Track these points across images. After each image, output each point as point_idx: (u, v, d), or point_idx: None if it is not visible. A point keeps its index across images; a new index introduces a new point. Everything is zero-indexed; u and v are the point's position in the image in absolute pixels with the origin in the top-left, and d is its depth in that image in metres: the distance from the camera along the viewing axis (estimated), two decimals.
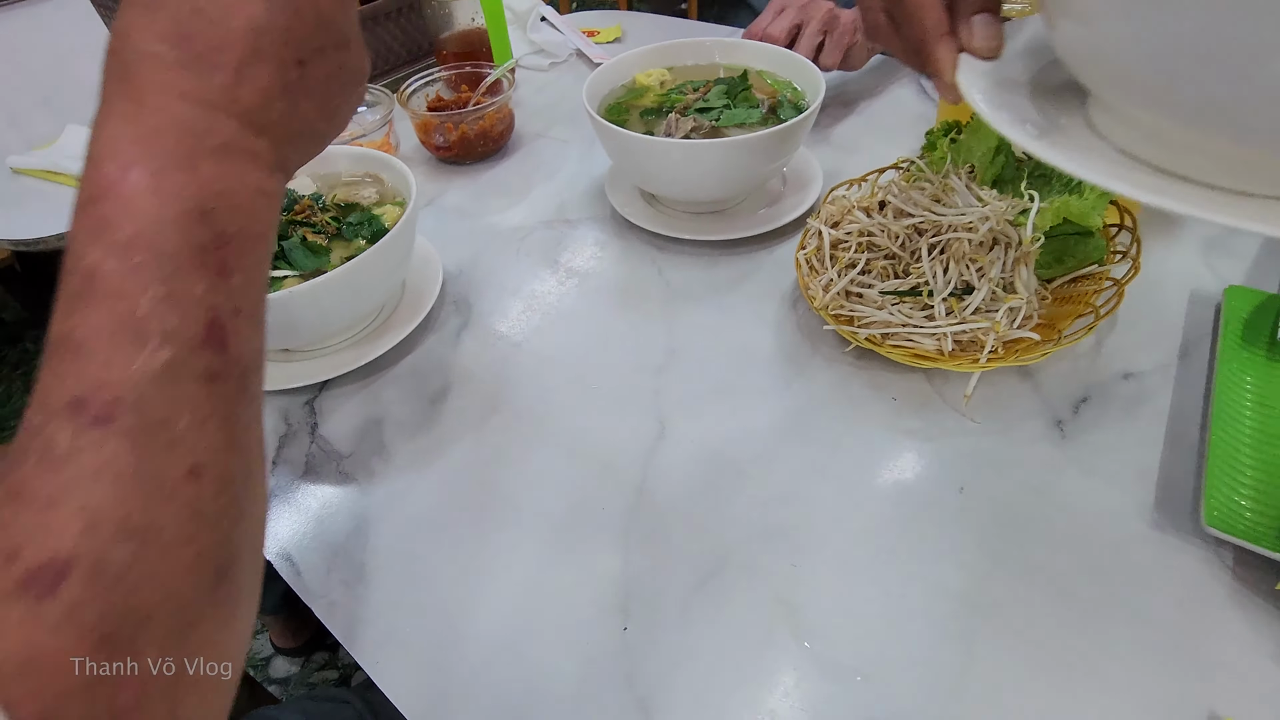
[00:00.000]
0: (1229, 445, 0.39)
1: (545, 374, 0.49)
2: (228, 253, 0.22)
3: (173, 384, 0.20)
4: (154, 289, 0.20)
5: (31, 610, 0.17)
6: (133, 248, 0.21)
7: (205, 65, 0.23)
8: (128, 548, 0.18)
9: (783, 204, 0.61)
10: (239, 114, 0.24)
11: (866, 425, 0.44)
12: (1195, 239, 0.54)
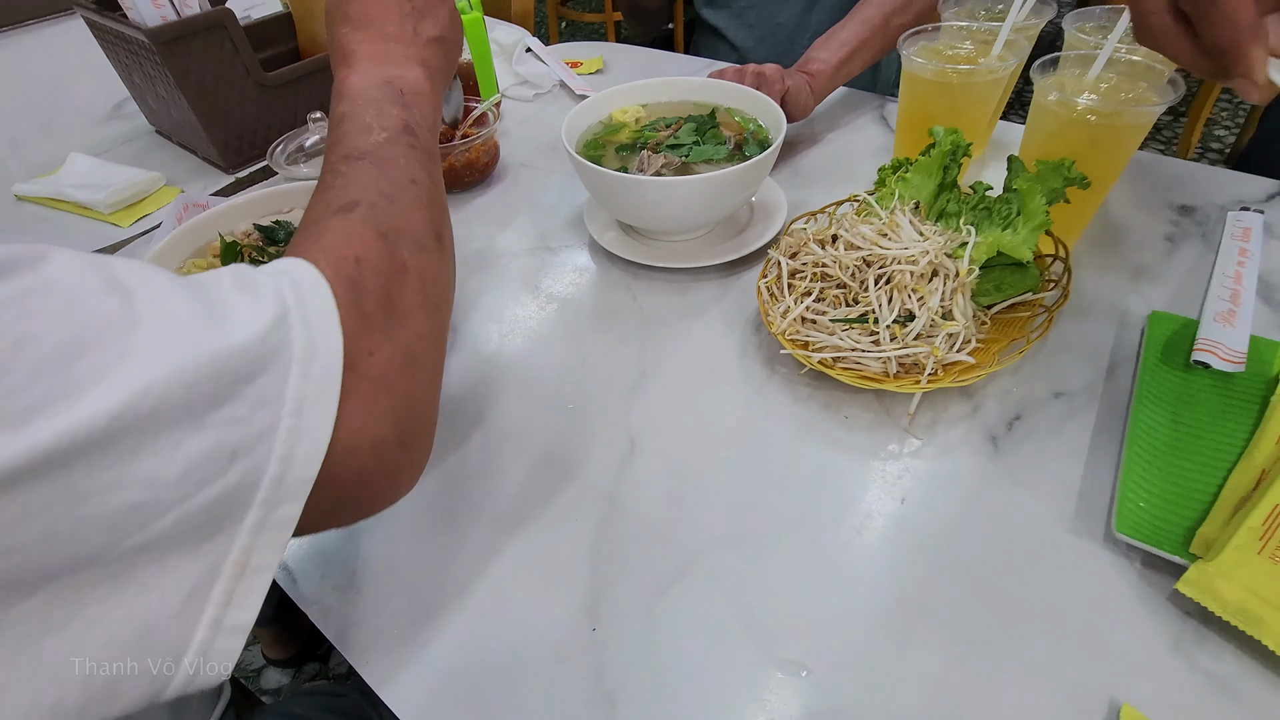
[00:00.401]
0: (1141, 458, 0.43)
1: (525, 394, 0.53)
2: (408, 98, 0.40)
3: (391, 146, 0.37)
4: (372, 112, 0.38)
5: (342, 217, 0.33)
6: (358, 99, 0.39)
7: (364, 20, 0.43)
8: (385, 202, 0.34)
9: (749, 233, 0.65)
10: (394, 40, 0.43)
11: (819, 441, 0.47)
12: (1127, 267, 0.59)
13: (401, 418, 0.30)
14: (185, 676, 0.24)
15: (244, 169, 0.84)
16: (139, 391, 0.21)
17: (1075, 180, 0.49)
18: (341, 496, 0.28)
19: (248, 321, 0.25)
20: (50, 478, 0.19)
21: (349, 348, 0.28)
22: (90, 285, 0.22)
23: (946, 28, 0.65)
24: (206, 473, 0.23)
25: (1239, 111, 2.35)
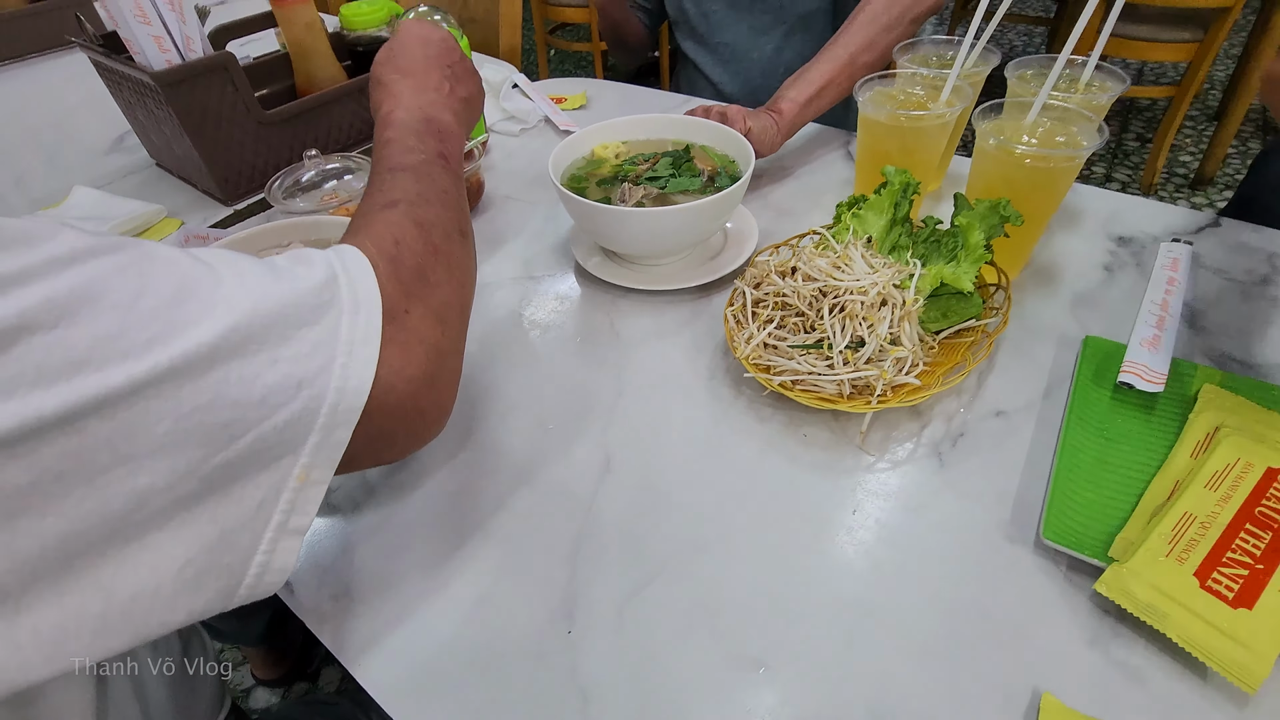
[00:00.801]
0: (1069, 471, 0.47)
1: (510, 416, 0.57)
2: (442, 134, 0.49)
3: (428, 164, 0.45)
4: (413, 139, 0.47)
5: (386, 211, 0.41)
6: (401, 128, 0.47)
7: (409, 75, 0.53)
8: (422, 202, 0.42)
9: (722, 257, 0.70)
10: (424, 89, 0.52)
11: (780, 458, 0.51)
12: (1068, 294, 0.64)
13: (431, 363, 0.37)
14: (255, 575, 0.30)
15: (242, 201, 0.87)
16: (229, 328, 0.28)
17: (1010, 217, 0.54)
18: (382, 427, 0.34)
19: (305, 278, 0.32)
20: (163, 394, 0.25)
21: (389, 306, 0.35)
22: (182, 257, 0.29)
23: (901, 74, 0.70)
24: (280, 398, 0.29)
25: (1202, 139, 2.45)
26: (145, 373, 0.25)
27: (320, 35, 0.93)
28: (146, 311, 0.26)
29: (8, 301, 0.23)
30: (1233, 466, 0.45)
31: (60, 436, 0.23)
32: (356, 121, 0.95)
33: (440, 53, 0.56)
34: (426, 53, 0.55)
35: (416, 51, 0.55)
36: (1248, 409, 0.50)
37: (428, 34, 0.57)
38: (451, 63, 0.56)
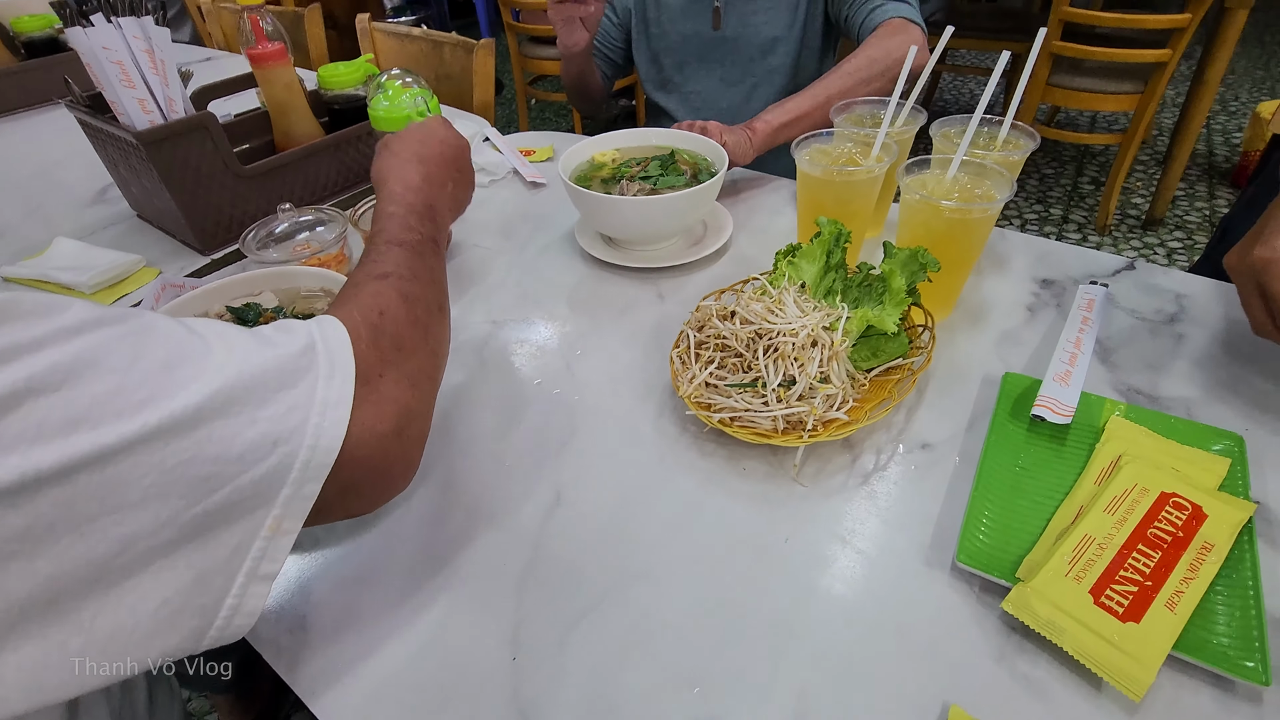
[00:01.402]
0: (983, 498, 0.51)
1: (467, 454, 0.59)
2: (437, 222, 0.56)
3: (421, 244, 0.52)
4: (414, 219, 0.53)
5: (378, 281, 0.46)
6: (405, 206, 0.54)
7: (425, 164, 0.61)
8: (410, 275, 0.47)
9: (703, 243, 0.84)
10: (430, 189, 0.59)
11: (720, 491, 0.55)
12: (993, 333, 0.68)
13: (401, 421, 0.40)
14: (225, 616, 0.33)
15: (219, 251, 0.91)
16: (214, 391, 0.31)
17: (928, 264, 0.59)
18: (351, 480, 0.37)
19: (286, 345, 0.36)
20: (151, 450, 0.28)
21: (364, 370, 0.39)
22: (176, 327, 0.33)
23: (838, 132, 0.76)
24: (257, 455, 0.32)
25: (1151, 182, 2.57)
26: (136, 431, 0.28)
27: (298, 94, 0.99)
28: (141, 375, 0.29)
29: (18, 366, 0.26)
30: (1130, 491, 0.49)
31: (55, 488, 0.26)
32: (331, 174, 1.00)
33: (456, 155, 0.65)
34: (444, 152, 0.63)
35: (437, 148, 0.63)
36: (1148, 438, 0.54)
37: (452, 137, 0.66)
38: (461, 166, 0.66)
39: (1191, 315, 0.68)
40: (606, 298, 0.78)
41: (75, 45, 0.77)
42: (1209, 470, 0.51)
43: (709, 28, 1.13)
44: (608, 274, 0.82)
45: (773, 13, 1.10)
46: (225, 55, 1.84)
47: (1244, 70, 3.49)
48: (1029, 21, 2.69)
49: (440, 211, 0.58)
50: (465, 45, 1.39)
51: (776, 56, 1.14)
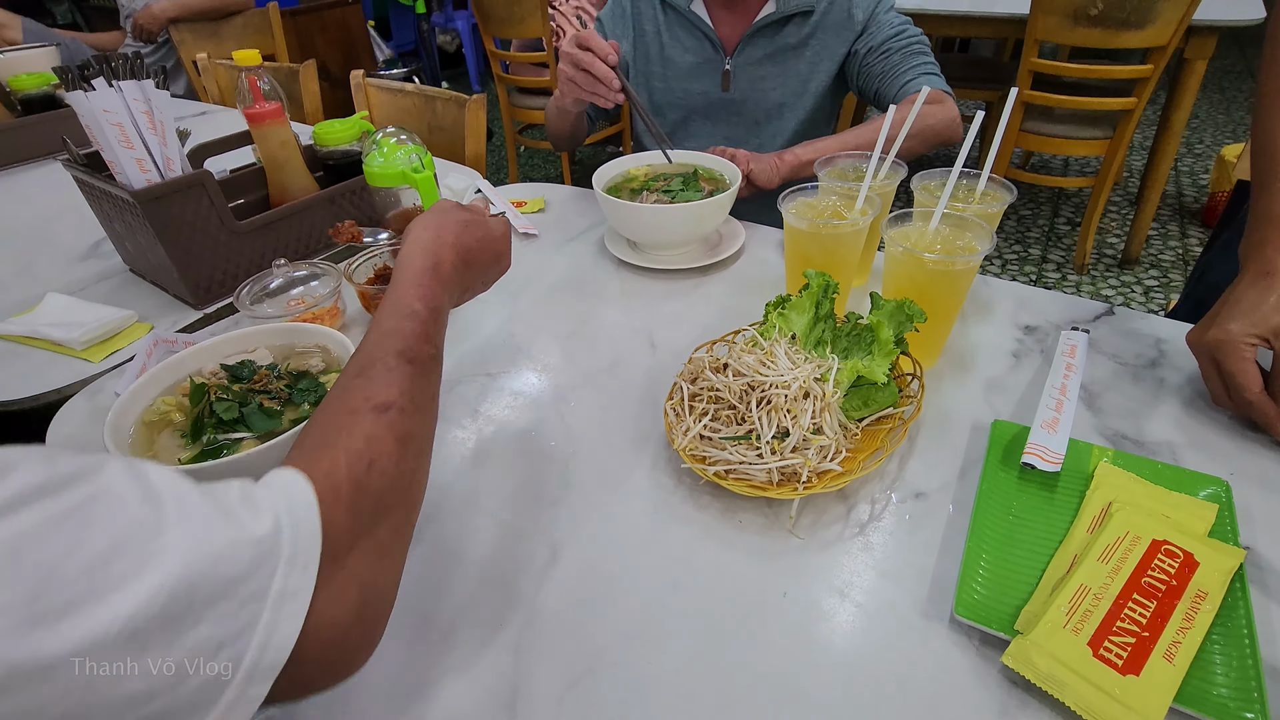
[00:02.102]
0: (979, 549, 0.51)
1: (463, 511, 0.59)
2: (438, 327, 0.50)
3: (434, 362, 0.48)
4: (435, 326, 0.49)
5: (376, 416, 0.41)
6: (431, 307, 0.49)
7: (465, 268, 0.56)
8: (413, 409, 0.43)
9: (719, 248, 0.95)
10: (455, 290, 0.56)
11: (716, 544, 0.55)
12: (980, 381, 0.69)
13: (365, 604, 0.36)
14: None
15: (212, 305, 0.91)
16: (154, 593, 0.26)
17: (915, 316, 0.60)
18: (303, 674, 0.33)
19: (249, 527, 0.31)
20: (70, 670, 0.24)
21: (332, 545, 0.34)
22: (131, 495, 0.28)
23: (822, 186, 0.78)
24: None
25: (1125, 222, 2.64)
26: (54, 649, 0.24)
27: (294, 150, 1.01)
28: (74, 572, 0.25)
29: None
30: (1122, 539, 0.50)
31: None
32: (326, 228, 1.01)
33: (494, 260, 0.60)
34: (483, 259, 0.58)
35: (487, 248, 0.59)
36: (1137, 485, 0.55)
37: (503, 236, 0.61)
38: (499, 270, 0.62)
39: (1171, 360, 0.70)
40: (600, 348, 0.78)
41: (75, 108, 0.79)
42: (1198, 516, 0.52)
43: (718, 89, 1.17)
44: (602, 323, 0.83)
45: (782, 79, 1.14)
46: (220, 110, 1.87)
47: (1207, 115, 3.63)
48: (999, 71, 2.80)
49: (448, 313, 0.54)
50: (458, 100, 1.43)
51: (783, 121, 1.18)
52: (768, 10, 1.10)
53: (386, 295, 0.50)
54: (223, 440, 0.58)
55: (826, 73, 1.14)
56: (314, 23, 3.28)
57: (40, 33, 2.43)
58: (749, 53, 1.14)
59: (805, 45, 1.12)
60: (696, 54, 1.16)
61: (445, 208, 0.59)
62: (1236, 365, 0.59)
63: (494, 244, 0.60)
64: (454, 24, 4.75)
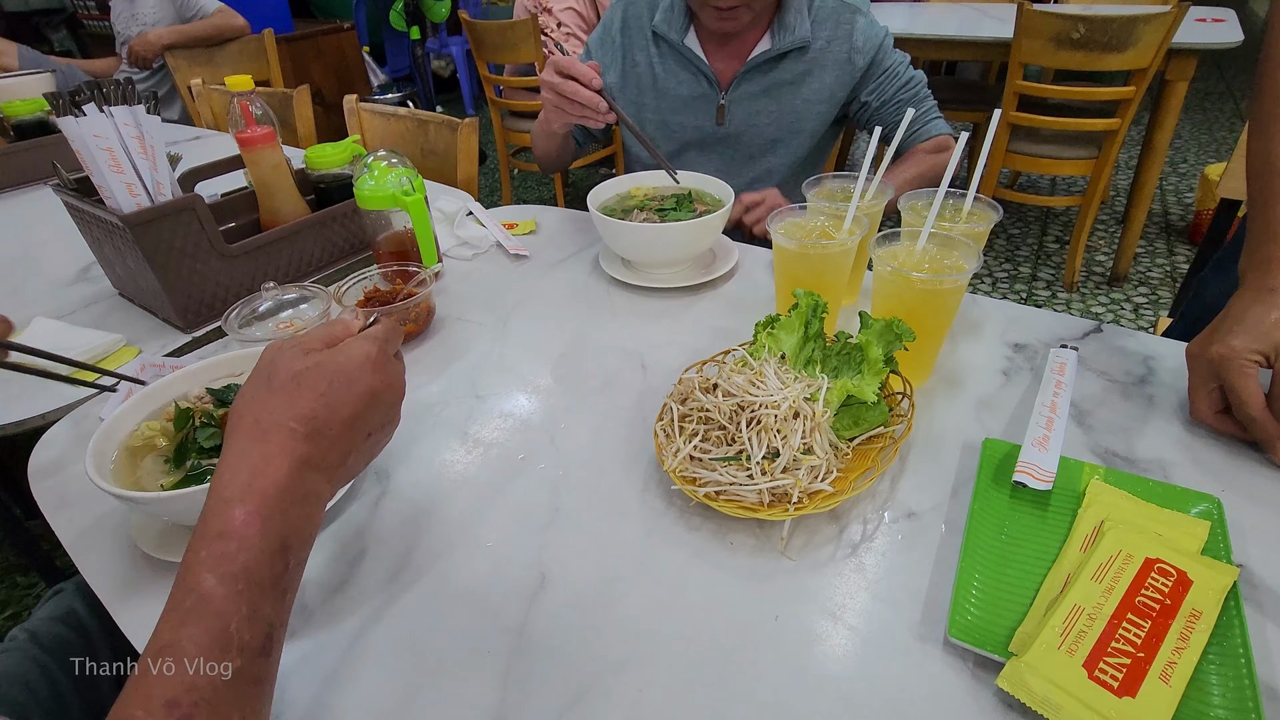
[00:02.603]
0: (971, 569, 0.51)
1: (449, 535, 0.58)
2: (290, 577, 0.36)
3: (237, 688, 0.31)
4: (244, 609, 0.32)
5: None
6: (239, 578, 0.33)
7: (320, 439, 0.39)
8: None
9: (712, 267, 0.96)
10: (325, 470, 0.39)
11: (708, 566, 0.54)
12: (970, 399, 0.69)
13: None
14: None
15: (201, 329, 0.91)
16: None
17: (904, 335, 0.61)
18: None
19: None
20: None
21: None
22: None
23: (811, 207, 0.79)
24: None
25: (1113, 240, 2.67)
26: None
27: (285, 174, 1.01)
28: None
29: None
30: (1115, 558, 0.49)
31: None
32: (316, 251, 1.01)
33: (389, 401, 0.44)
34: (339, 422, 0.40)
35: (344, 401, 0.40)
36: (1129, 503, 0.55)
37: (366, 364, 0.42)
38: (390, 410, 0.44)
39: (1160, 378, 0.70)
40: (590, 370, 0.78)
41: (66, 132, 0.79)
42: (1190, 534, 0.52)
43: (712, 123, 1.17)
44: (593, 344, 0.83)
45: (777, 115, 1.15)
46: (213, 134, 1.89)
47: (1190, 135, 3.69)
48: (985, 93, 2.85)
49: (306, 540, 0.38)
50: (450, 123, 1.44)
51: (777, 156, 1.19)
52: (763, 47, 1.10)
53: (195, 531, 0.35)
54: (206, 466, 0.57)
55: (823, 110, 1.14)
56: (309, 48, 3.32)
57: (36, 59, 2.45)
58: (744, 88, 1.14)
59: (801, 82, 1.12)
60: (691, 88, 1.16)
61: (264, 363, 0.41)
62: (1240, 382, 0.59)
63: (354, 382, 0.41)
64: (448, 49, 4.81)
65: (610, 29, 1.18)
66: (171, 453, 0.58)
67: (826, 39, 1.09)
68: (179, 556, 0.55)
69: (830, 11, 1.09)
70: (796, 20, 1.07)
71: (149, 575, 0.56)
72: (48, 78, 1.90)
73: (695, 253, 0.95)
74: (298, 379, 0.39)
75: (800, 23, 1.07)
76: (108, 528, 0.61)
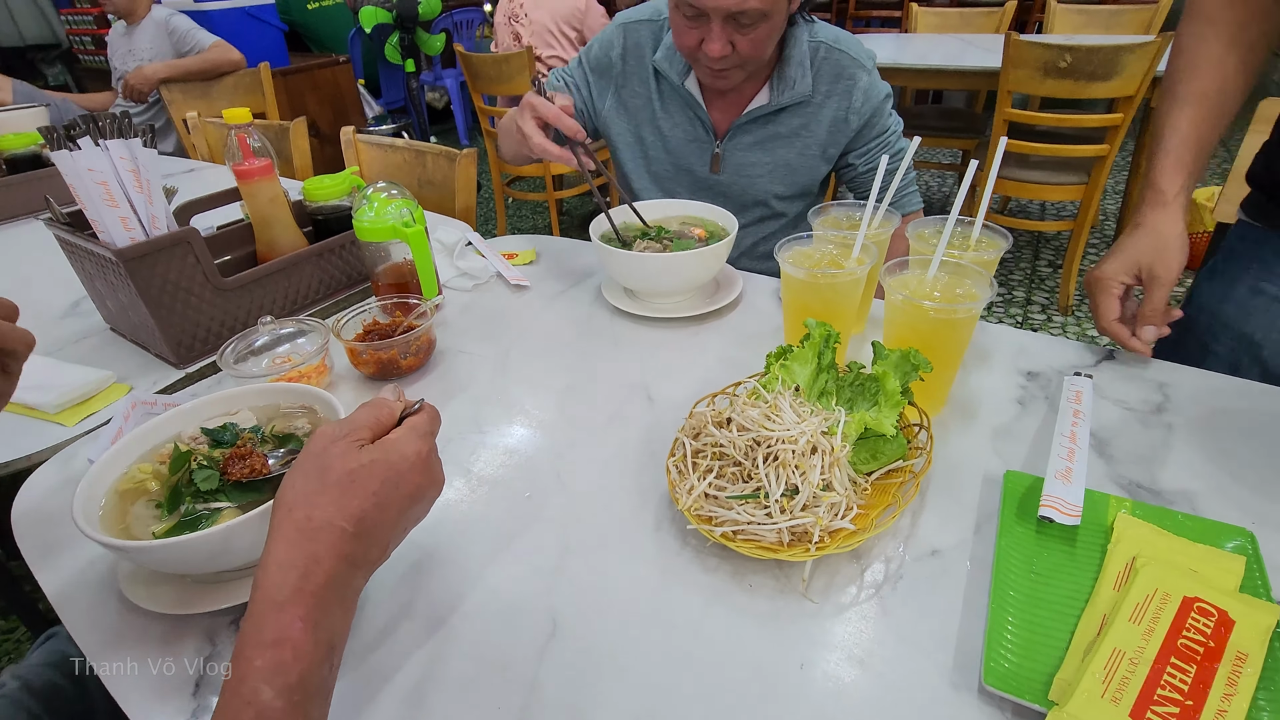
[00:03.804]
0: (1003, 611, 0.49)
1: (454, 582, 0.56)
2: (334, 677, 0.37)
3: None
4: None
5: None
6: (295, 689, 0.34)
7: (366, 538, 0.40)
8: None
9: (716, 296, 0.95)
10: (366, 566, 0.41)
11: (727, 610, 0.52)
12: (987, 429, 0.68)
13: None
14: None
15: (195, 364, 0.89)
16: None
17: (920, 365, 0.59)
18: None
19: None
20: None
21: None
22: None
23: (817, 235, 0.78)
24: None
25: None
26: None
27: (283, 206, 1.00)
28: None
29: None
30: (1152, 597, 0.47)
31: None
32: (314, 284, 1.00)
33: (409, 501, 0.43)
34: (391, 513, 0.42)
35: (394, 495, 0.42)
36: (1160, 537, 0.53)
37: (416, 461, 0.43)
38: (424, 504, 0.45)
39: (1177, 405, 0.69)
40: (596, 402, 0.76)
41: (60, 166, 0.78)
42: (1226, 570, 0.50)
43: (706, 169, 1.16)
44: (597, 376, 0.81)
45: (771, 168, 1.13)
46: (208, 166, 1.88)
47: None
48: (973, 120, 2.89)
49: (348, 627, 0.39)
50: (448, 154, 1.44)
51: (769, 209, 1.18)
52: (760, 101, 1.08)
53: (240, 634, 0.35)
54: (201, 510, 0.54)
55: (816, 166, 1.13)
56: (305, 81, 3.34)
57: (30, 94, 2.45)
58: (739, 139, 1.12)
59: (797, 135, 1.10)
60: (687, 131, 1.14)
61: (316, 452, 0.41)
62: (1099, 299, 0.76)
63: (403, 481, 0.42)
64: (442, 81, 4.86)
65: (610, 52, 1.14)
66: (164, 497, 0.55)
67: (825, 93, 1.07)
68: (169, 608, 0.52)
69: (834, 65, 1.06)
70: (797, 74, 1.05)
71: (136, 627, 0.53)
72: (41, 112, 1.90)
73: (701, 282, 0.94)
74: (352, 476, 0.40)
75: (801, 77, 1.05)
76: (93, 576, 0.58)
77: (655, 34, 1.12)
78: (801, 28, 1.06)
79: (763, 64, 1.04)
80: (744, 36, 0.94)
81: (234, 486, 0.55)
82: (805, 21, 1.06)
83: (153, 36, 2.53)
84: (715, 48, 0.94)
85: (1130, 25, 2.85)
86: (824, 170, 1.16)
